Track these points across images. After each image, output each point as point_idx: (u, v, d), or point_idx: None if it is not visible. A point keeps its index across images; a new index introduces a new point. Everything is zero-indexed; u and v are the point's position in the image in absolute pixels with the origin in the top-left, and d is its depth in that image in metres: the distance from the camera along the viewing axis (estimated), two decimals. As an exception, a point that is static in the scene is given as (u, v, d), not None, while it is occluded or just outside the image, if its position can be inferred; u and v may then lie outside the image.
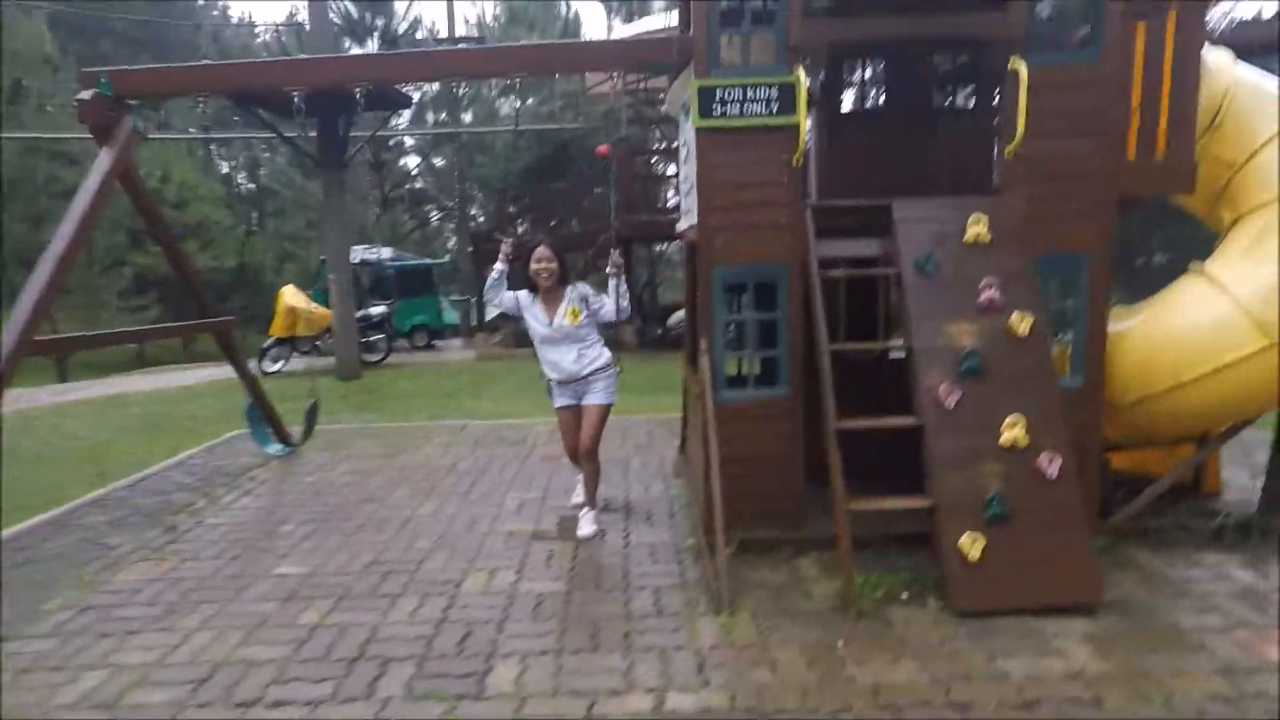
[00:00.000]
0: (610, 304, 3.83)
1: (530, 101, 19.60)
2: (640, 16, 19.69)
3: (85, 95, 3.92)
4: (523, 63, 3.76)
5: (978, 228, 3.23)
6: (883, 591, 3.11)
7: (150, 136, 3.90)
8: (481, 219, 19.99)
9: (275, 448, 5.39)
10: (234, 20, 39.58)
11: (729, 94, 3.31)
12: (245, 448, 6.28)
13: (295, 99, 3.99)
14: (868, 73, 4.49)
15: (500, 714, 2.42)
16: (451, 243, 25.08)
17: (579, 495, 4.32)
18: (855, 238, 3.54)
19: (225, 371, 12.99)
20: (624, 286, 3.84)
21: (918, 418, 3.11)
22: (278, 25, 21.50)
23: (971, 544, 2.88)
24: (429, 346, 14.70)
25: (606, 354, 3.89)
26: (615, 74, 3.76)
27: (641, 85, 14.33)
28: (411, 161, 21.98)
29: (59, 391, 11.07)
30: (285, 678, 2.66)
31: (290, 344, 11.31)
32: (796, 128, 3.29)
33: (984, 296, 3.15)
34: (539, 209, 12.72)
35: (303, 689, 2.59)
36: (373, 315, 11.82)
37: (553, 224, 13.26)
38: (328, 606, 3.22)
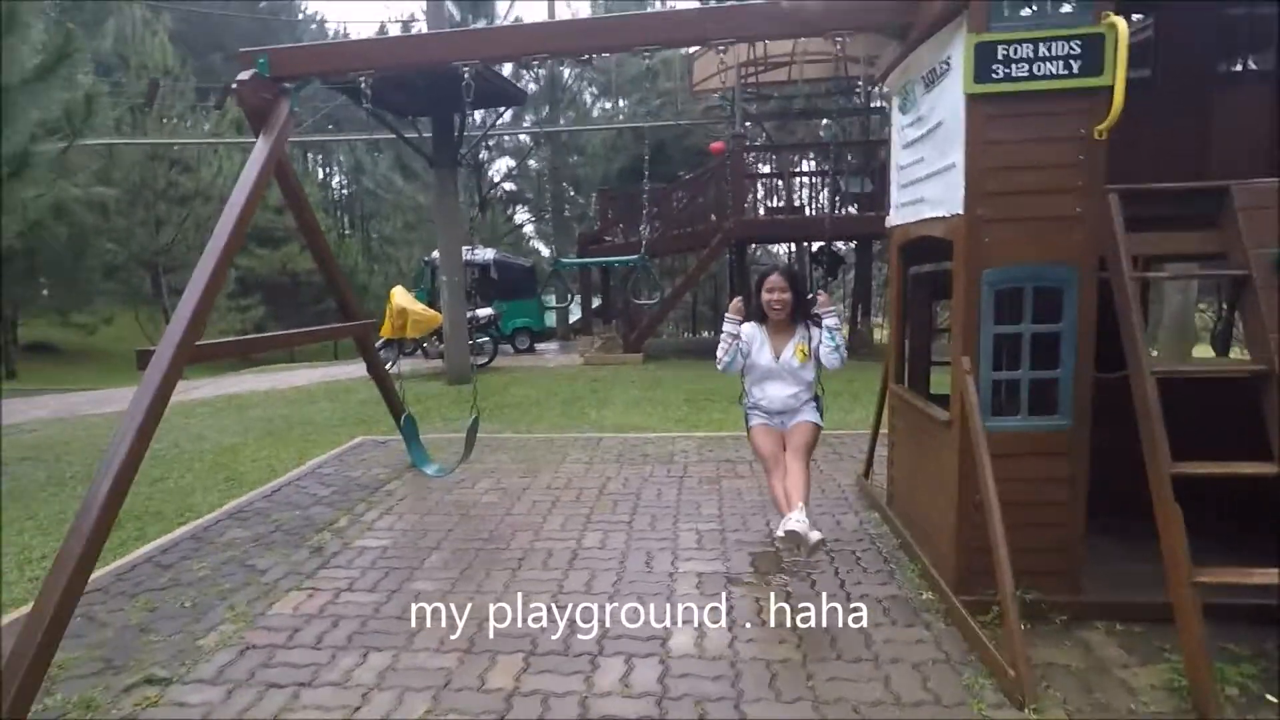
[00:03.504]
0: (824, 351, 3.47)
1: (625, 102, 19.26)
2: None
3: (244, 76, 3.60)
4: (731, 25, 3.19)
5: (1361, 215, 2.47)
6: (1235, 689, 2.39)
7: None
8: (568, 214, 19.79)
9: (433, 469, 5.03)
10: (331, 33, 41.12)
11: (1016, 51, 2.65)
12: (374, 456, 6.00)
13: (466, 76, 3.54)
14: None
15: None
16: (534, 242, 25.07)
17: (785, 526, 3.21)
18: (1143, 229, 2.82)
19: (332, 372, 13.10)
20: (838, 336, 3.47)
21: (1285, 464, 2.37)
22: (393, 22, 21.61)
23: (1392, 641, 2.13)
24: (530, 349, 14.44)
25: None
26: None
27: (754, 80, 13.71)
28: (505, 163, 21.98)
29: (180, 390, 11.21)
30: (496, 768, 2.17)
31: (398, 345, 11.17)
32: (1105, 91, 2.60)
33: (1378, 306, 2.39)
34: (642, 210, 12.29)
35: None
36: (480, 317, 11.59)
37: (655, 224, 12.76)
38: (517, 665, 2.72)
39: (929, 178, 3.19)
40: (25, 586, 3.61)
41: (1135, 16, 3.76)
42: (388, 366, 10.71)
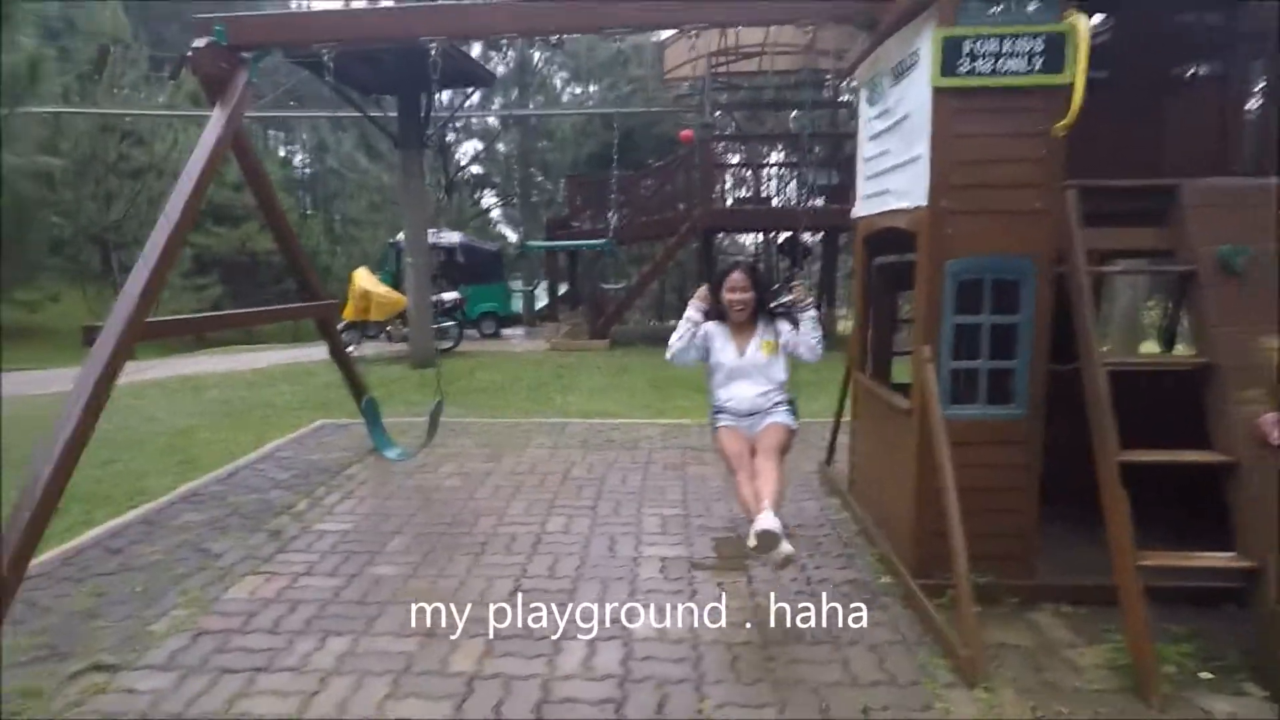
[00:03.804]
0: (805, 342, 3.33)
1: (595, 88, 19.11)
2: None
3: (200, 43, 3.47)
4: (706, 10, 3.18)
5: (1302, 215, 2.57)
6: (1174, 667, 2.49)
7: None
8: (535, 199, 19.57)
9: (395, 452, 4.96)
10: (294, 5, 39.84)
11: (981, 46, 2.69)
12: (335, 440, 5.89)
13: (433, 53, 3.47)
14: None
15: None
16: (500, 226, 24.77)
17: (757, 526, 2.77)
18: (1099, 225, 2.90)
19: (293, 355, 12.82)
20: (818, 327, 3.35)
21: (1225, 452, 2.47)
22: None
23: (1319, 621, 2.24)
24: (496, 334, 14.32)
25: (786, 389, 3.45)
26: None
27: (725, 69, 13.70)
28: (472, 146, 21.65)
29: (130, 370, 10.83)
30: (457, 751, 2.17)
31: (360, 328, 10.99)
32: (1065, 89, 2.66)
33: (1316, 303, 2.50)
34: (611, 195, 12.26)
35: (483, 770, 2.09)
36: (445, 301, 11.44)
37: (624, 211, 12.72)
38: (479, 649, 2.71)
39: (895, 169, 3.23)
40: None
41: (1097, 18, 3.85)
42: (350, 349, 10.56)
